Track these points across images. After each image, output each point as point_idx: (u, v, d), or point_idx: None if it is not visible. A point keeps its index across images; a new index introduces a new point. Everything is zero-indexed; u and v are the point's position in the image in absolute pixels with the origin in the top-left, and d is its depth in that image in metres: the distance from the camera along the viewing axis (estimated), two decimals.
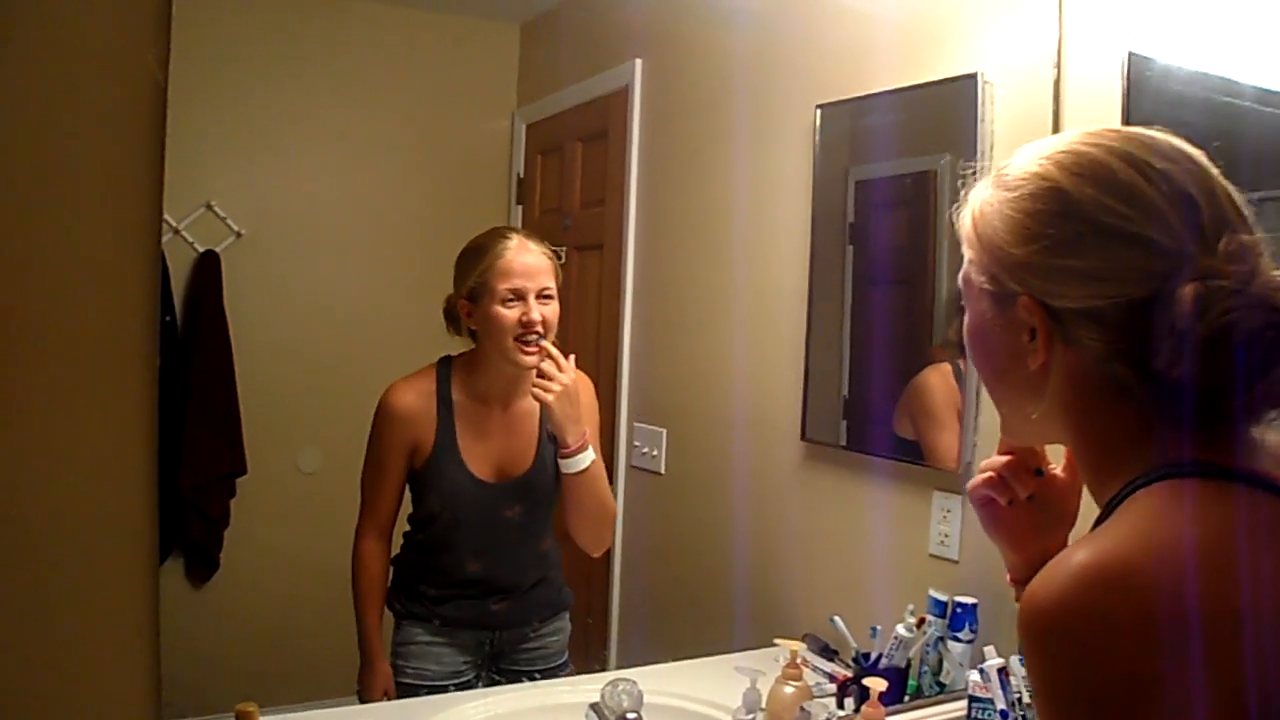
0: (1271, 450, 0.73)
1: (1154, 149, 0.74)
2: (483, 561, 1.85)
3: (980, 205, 0.81)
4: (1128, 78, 1.67)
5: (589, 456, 1.76)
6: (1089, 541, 0.66)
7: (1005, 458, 0.92)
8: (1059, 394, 0.77)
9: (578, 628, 2.07)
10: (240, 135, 2.92)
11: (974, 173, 0.85)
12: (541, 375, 1.71)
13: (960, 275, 0.85)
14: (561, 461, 1.76)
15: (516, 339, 1.74)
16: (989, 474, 0.93)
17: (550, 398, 1.69)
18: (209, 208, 2.86)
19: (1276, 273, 0.69)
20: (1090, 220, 0.72)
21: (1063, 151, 0.76)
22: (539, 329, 1.74)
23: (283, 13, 2.95)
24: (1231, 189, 0.74)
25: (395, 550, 1.93)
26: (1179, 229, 0.70)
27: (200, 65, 2.74)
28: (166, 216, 2.77)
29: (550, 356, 1.72)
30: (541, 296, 1.76)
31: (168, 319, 2.69)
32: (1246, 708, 0.60)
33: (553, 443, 1.79)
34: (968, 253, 0.83)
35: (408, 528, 1.92)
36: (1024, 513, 0.92)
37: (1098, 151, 0.74)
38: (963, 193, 0.84)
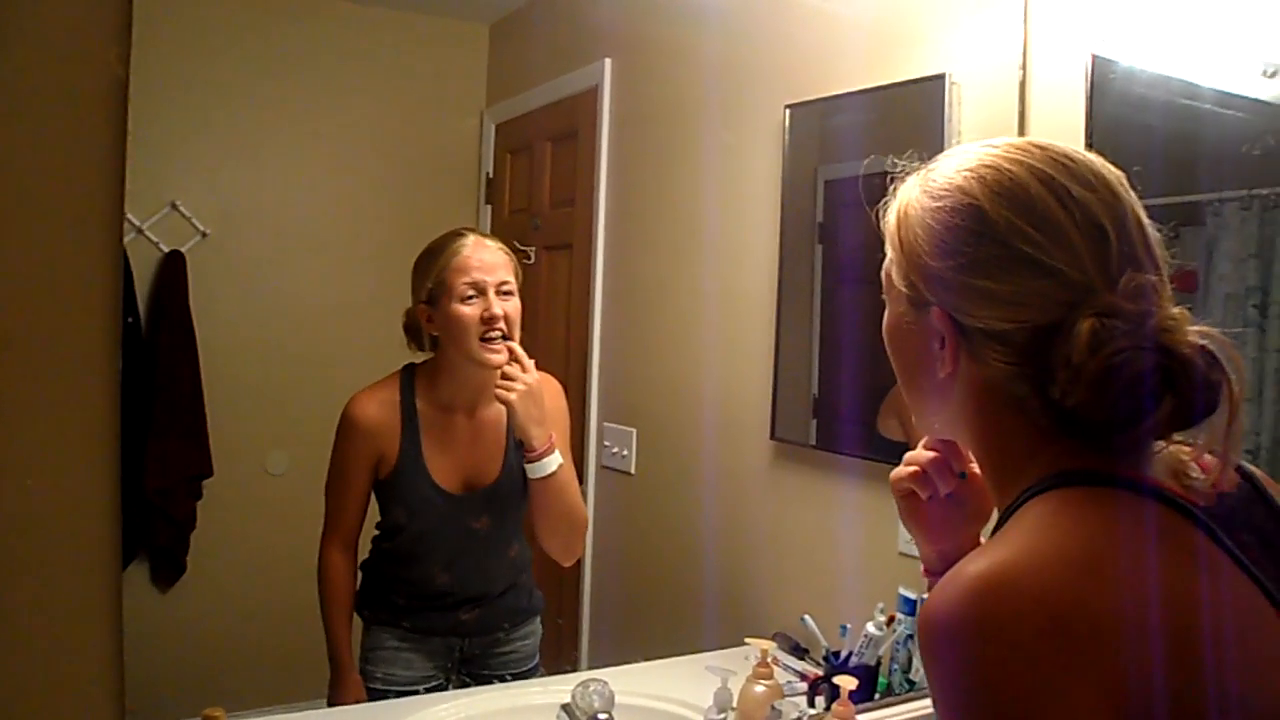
0: (1163, 460, 0.76)
1: (1074, 174, 0.75)
2: (451, 573, 1.83)
3: (905, 208, 0.82)
4: (1091, 80, 1.69)
5: (555, 461, 1.73)
6: (981, 553, 0.68)
7: (930, 454, 0.93)
8: (963, 403, 0.79)
9: (548, 629, 2.06)
10: (206, 134, 2.88)
11: (902, 170, 0.86)
12: (505, 376, 1.70)
13: (882, 270, 0.87)
14: (527, 466, 1.72)
15: (481, 338, 1.72)
16: (914, 468, 0.95)
17: (513, 397, 1.67)
18: (174, 207, 2.82)
19: (1174, 311, 0.71)
20: (1004, 244, 0.73)
21: (987, 166, 0.77)
22: (501, 325, 1.72)
23: (250, 11, 2.92)
24: (1144, 219, 0.76)
25: (364, 554, 1.91)
26: (1086, 261, 0.72)
27: (166, 63, 2.70)
28: (130, 216, 2.73)
29: (515, 358, 1.71)
30: (501, 292, 1.75)
31: (130, 320, 2.66)
32: (1132, 711, 0.61)
33: (519, 451, 1.76)
34: (890, 252, 0.85)
35: (376, 532, 1.91)
36: (941, 508, 0.94)
37: (1020, 170, 0.75)
38: (892, 187, 0.85)
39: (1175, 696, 0.62)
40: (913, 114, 1.92)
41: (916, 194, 0.81)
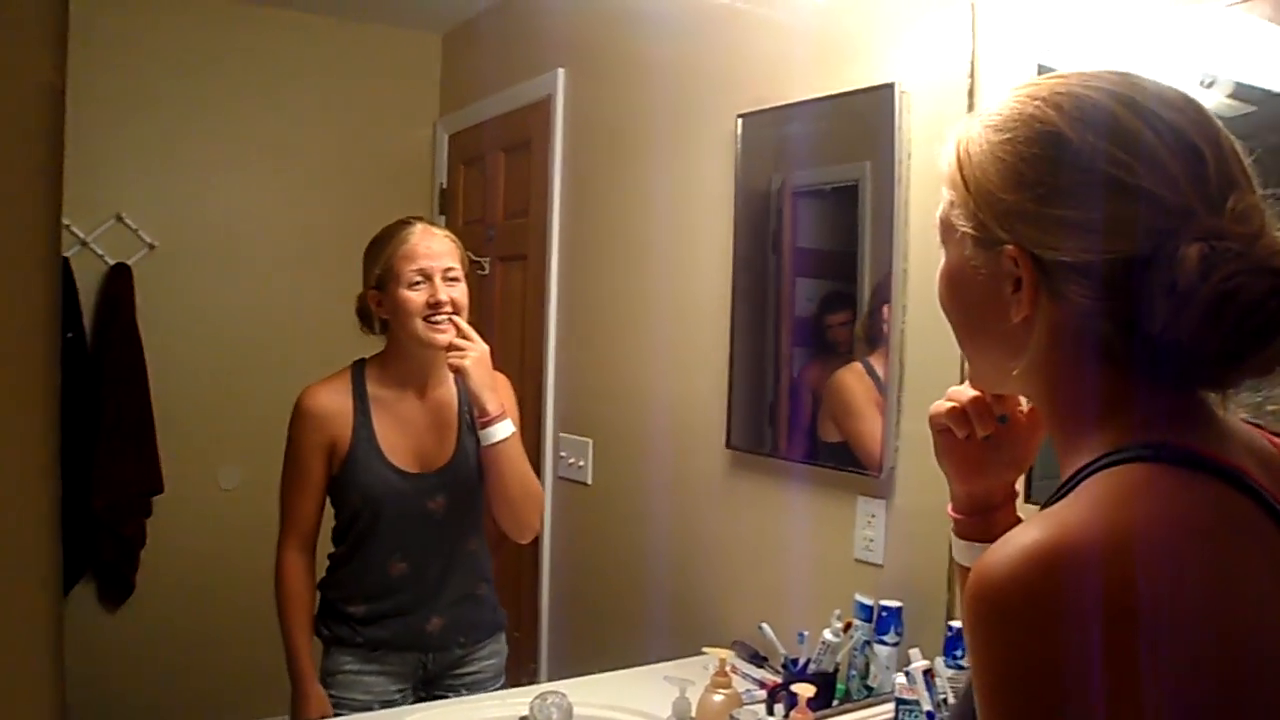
0: (1242, 436, 0.71)
1: (1161, 96, 0.70)
2: (408, 560, 1.81)
3: (967, 144, 0.75)
4: None
5: (508, 427, 1.78)
6: (1046, 518, 0.63)
7: (973, 393, 0.88)
8: (1039, 351, 0.72)
9: (509, 639, 2.04)
10: (154, 145, 2.85)
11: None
12: (454, 347, 1.76)
13: (939, 216, 0.79)
14: (481, 432, 1.77)
15: (425, 319, 1.76)
16: (953, 405, 0.90)
17: (467, 363, 1.74)
18: (120, 219, 2.79)
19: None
20: (1089, 169, 0.68)
21: (1061, 94, 0.71)
22: (448, 308, 1.77)
23: (199, 20, 2.89)
24: (1238, 144, 0.70)
25: (321, 573, 1.89)
26: (1183, 184, 0.66)
27: (112, 72, 2.67)
28: (74, 229, 2.69)
29: (462, 333, 1.77)
30: (448, 278, 1.79)
31: (70, 335, 2.61)
32: (1179, 708, 0.58)
33: (472, 432, 1.81)
34: (949, 194, 0.77)
35: (331, 549, 1.88)
36: (977, 449, 0.89)
37: (1099, 95, 0.70)
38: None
39: (1228, 703, 0.59)
40: (864, 122, 1.93)
41: (979, 130, 0.74)
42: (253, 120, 2.99)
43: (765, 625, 1.82)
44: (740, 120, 2.11)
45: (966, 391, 0.89)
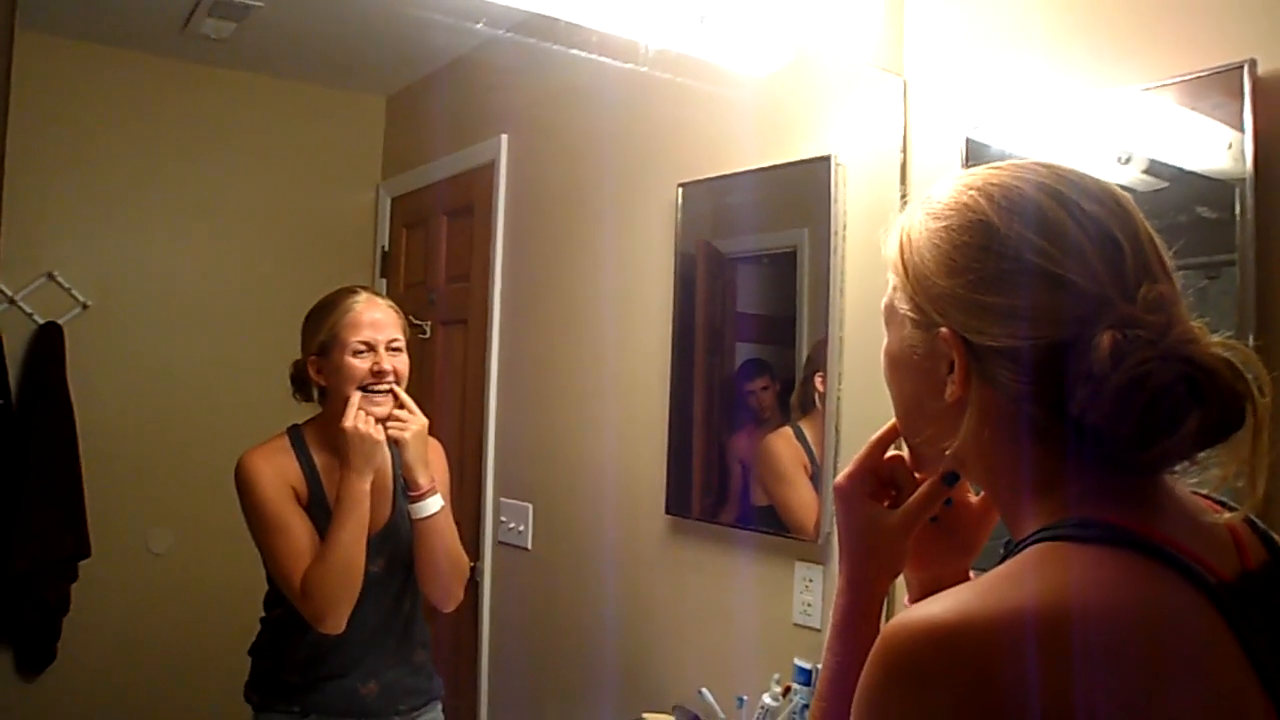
0: (1189, 513, 0.72)
1: (1084, 189, 0.73)
2: (347, 623, 1.76)
3: (909, 231, 0.79)
4: (966, 162, 1.78)
5: (438, 502, 1.80)
6: (954, 592, 0.65)
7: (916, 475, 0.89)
8: (973, 430, 0.74)
9: (444, 709, 2.01)
10: (88, 203, 2.80)
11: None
12: (394, 418, 1.78)
13: (884, 301, 0.83)
14: (411, 506, 1.79)
15: (365, 388, 1.77)
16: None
17: (407, 435, 1.77)
18: (51, 277, 2.73)
19: (1192, 324, 0.69)
20: (1016, 258, 0.71)
21: (994, 184, 0.75)
22: (390, 378, 1.79)
23: (137, 76, 2.87)
24: (1155, 234, 0.74)
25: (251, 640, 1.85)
26: (1101, 274, 0.69)
27: (46, 128, 2.63)
28: (3, 287, 2.63)
29: (402, 404, 1.79)
30: (391, 348, 1.81)
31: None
32: None
33: (406, 494, 1.82)
34: (893, 279, 0.81)
35: (263, 613, 1.84)
36: (926, 534, 0.89)
37: (1027, 187, 0.73)
38: (891, 217, 0.83)
39: None
40: (802, 192, 1.99)
41: (920, 218, 0.78)
42: (192, 179, 2.97)
43: (705, 690, 1.82)
44: (681, 189, 2.15)
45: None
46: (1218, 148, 1.46)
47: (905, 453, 0.89)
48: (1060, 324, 0.69)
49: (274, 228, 3.08)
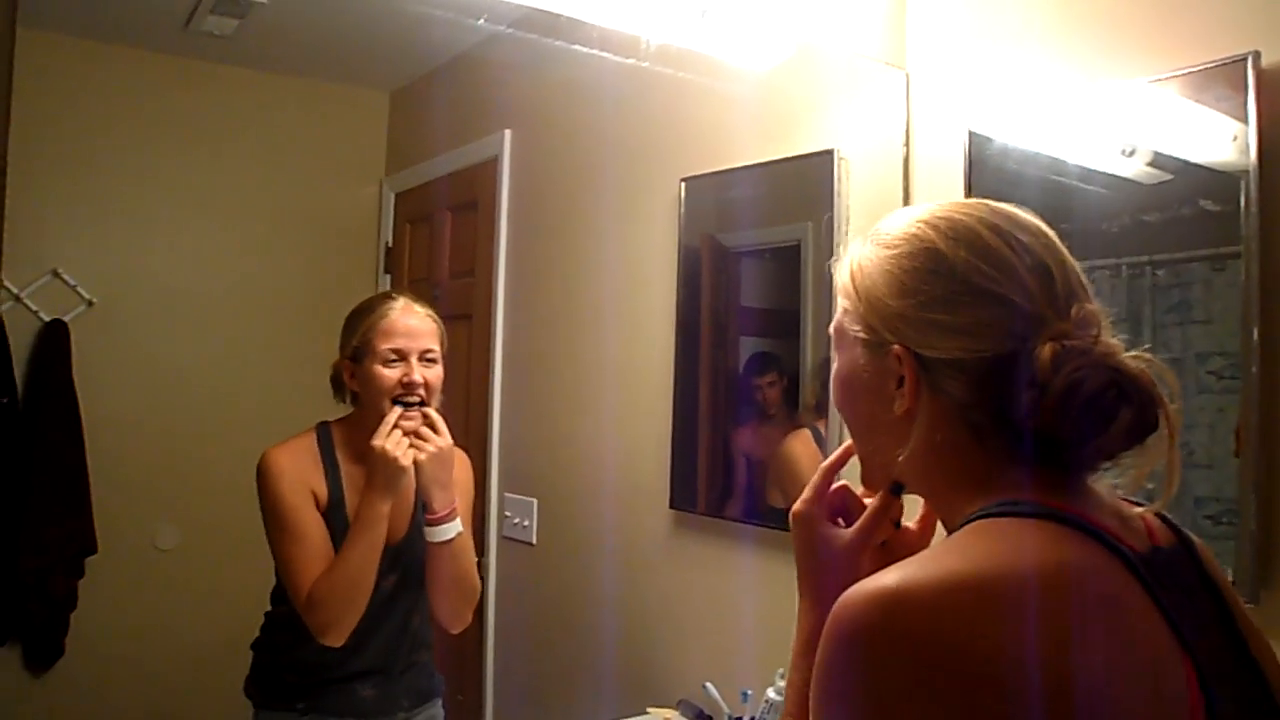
0: (1109, 504, 0.79)
1: (1018, 223, 0.82)
2: (352, 636, 1.74)
3: (859, 260, 0.87)
4: (969, 155, 1.78)
5: (455, 528, 1.75)
6: (904, 565, 0.70)
7: (869, 500, 0.95)
8: (922, 437, 0.82)
9: (448, 705, 2.01)
10: (91, 200, 2.81)
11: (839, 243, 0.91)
12: (419, 436, 1.72)
13: (833, 325, 0.91)
14: (427, 529, 1.74)
15: (394, 399, 1.72)
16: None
17: (424, 458, 1.70)
18: (56, 275, 2.74)
19: (1113, 340, 0.77)
20: (963, 280, 0.79)
21: (940, 217, 0.83)
22: (420, 391, 1.73)
23: (140, 74, 2.88)
24: (1076, 264, 0.83)
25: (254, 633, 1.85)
26: (1037, 295, 0.78)
27: (50, 125, 2.64)
28: (8, 284, 2.64)
29: (429, 422, 1.73)
30: (424, 359, 1.76)
31: (3, 399, 2.55)
32: None
33: (425, 512, 1.76)
34: (844, 303, 0.89)
35: (269, 607, 1.85)
36: (876, 559, 0.92)
37: (970, 220, 0.82)
38: (839, 248, 0.90)
39: None
40: (805, 186, 1.98)
41: (869, 248, 0.86)
42: (196, 176, 2.97)
43: (710, 684, 1.82)
44: (683, 184, 2.15)
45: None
46: (1222, 140, 1.45)
47: (847, 482, 0.97)
48: (1002, 338, 0.77)
49: (278, 224, 3.09)
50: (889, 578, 0.68)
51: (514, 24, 1.84)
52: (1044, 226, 0.84)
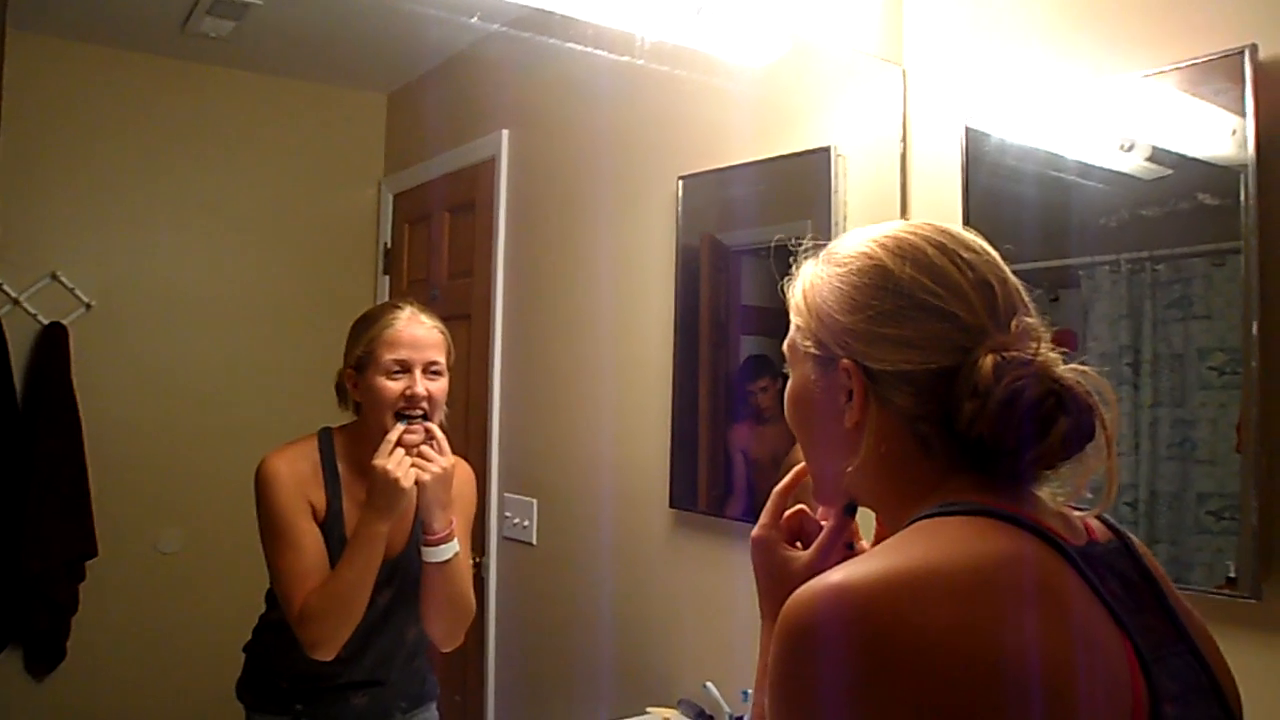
0: (1051, 508, 0.82)
1: (962, 242, 0.86)
2: (346, 648, 1.71)
3: (811, 278, 0.91)
4: (966, 151, 1.77)
5: (452, 548, 1.71)
6: (851, 564, 0.73)
7: (825, 523, 0.97)
8: (870, 450, 0.84)
9: (446, 706, 2.00)
10: (89, 203, 2.81)
11: (804, 250, 0.94)
12: (422, 455, 1.68)
13: (786, 342, 0.94)
14: (424, 549, 1.70)
15: (396, 412, 1.69)
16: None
17: (426, 478, 1.66)
18: (54, 278, 2.74)
19: (1052, 353, 0.80)
20: (909, 295, 0.82)
21: (887, 236, 0.87)
22: (423, 404, 1.69)
23: (136, 76, 2.88)
24: (1018, 281, 0.87)
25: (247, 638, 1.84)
26: (980, 309, 0.82)
27: (48, 128, 2.64)
28: (6, 287, 2.64)
29: (432, 438, 1.70)
30: (429, 371, 1.72)
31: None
32: None
33: (423, 529, 1.73)
34: (796, 320, 0.92)
35: (264, 610, 1.84)
36: None
37: (916, 239, 0.86)
38: (793, 268, 0.93)
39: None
40: (801, 184, 1.98)
41: (821, 266, 0.90)
42: (194, 179, 2.97)
43: (710, 684, 1.82)
44: (681, 182, 2.14)
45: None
46: (1220, 134, 1.45)
47: (804, 505, 1.00)
48: (947, 351, 0.80)
49: (276, 226, 3.08)
50: (834, 576, 0.71)
51: (508, 24, 1.83)
52: (986, 245, 0.87)
